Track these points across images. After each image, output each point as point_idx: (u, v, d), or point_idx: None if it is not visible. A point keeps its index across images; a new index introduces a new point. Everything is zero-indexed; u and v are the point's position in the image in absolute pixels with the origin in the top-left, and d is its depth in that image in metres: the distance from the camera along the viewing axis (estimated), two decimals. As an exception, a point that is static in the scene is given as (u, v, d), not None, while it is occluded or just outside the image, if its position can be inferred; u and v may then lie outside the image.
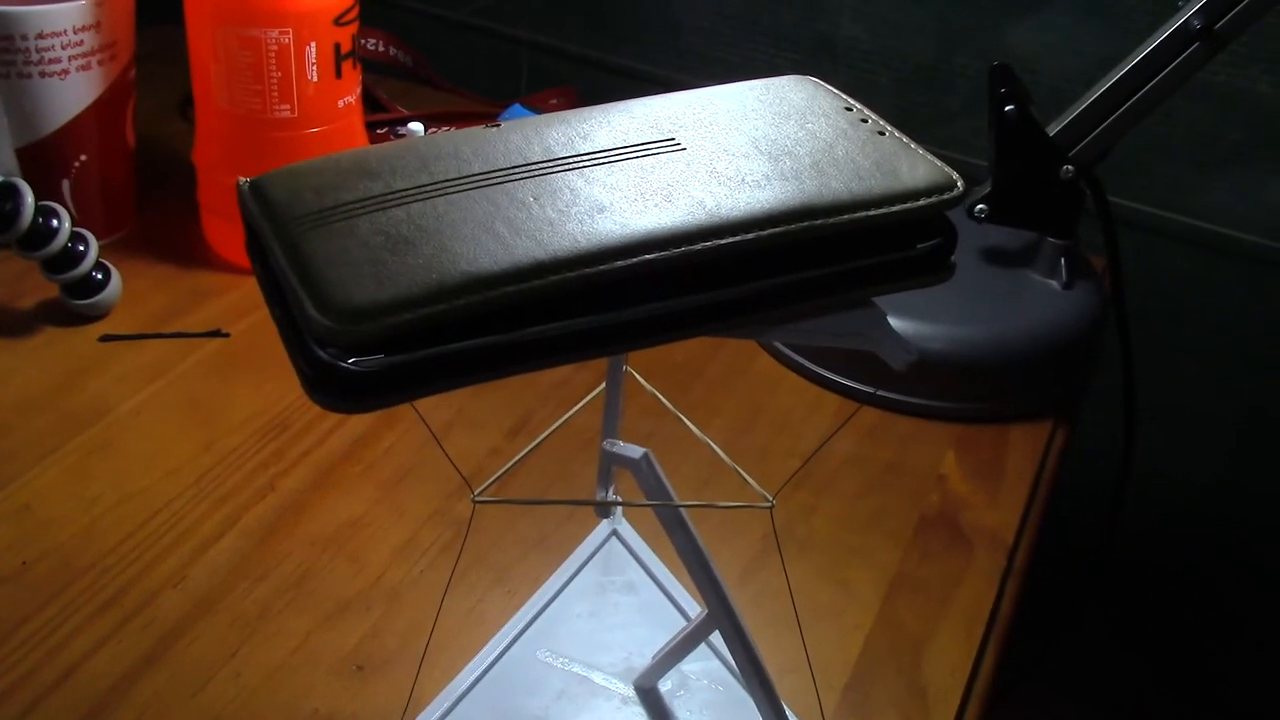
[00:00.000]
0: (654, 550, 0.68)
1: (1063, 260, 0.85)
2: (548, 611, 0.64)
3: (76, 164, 0.87)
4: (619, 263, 0.41)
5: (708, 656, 0.62)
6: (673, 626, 0.60)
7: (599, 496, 0.57)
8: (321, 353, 0.39)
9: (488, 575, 0.67)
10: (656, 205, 0.44)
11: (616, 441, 0.54)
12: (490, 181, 0.45)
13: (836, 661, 0.63)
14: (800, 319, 0.47)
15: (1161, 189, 1.08)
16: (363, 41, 1.05)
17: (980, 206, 0.84)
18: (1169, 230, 1.09)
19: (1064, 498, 1.14)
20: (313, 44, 0.81)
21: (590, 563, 0.68)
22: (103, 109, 0.87)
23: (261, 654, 0.61)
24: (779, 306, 0.46)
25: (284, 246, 0.42)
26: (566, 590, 0.66)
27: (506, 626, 0.63)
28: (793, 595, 0.64)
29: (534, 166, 0.45)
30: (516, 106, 1.09)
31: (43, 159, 0.86)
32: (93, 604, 0.63)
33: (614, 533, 0.69)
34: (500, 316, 0.40)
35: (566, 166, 0.46)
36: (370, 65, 1.13)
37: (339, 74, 0.84)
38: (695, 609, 0.65)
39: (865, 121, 0.49)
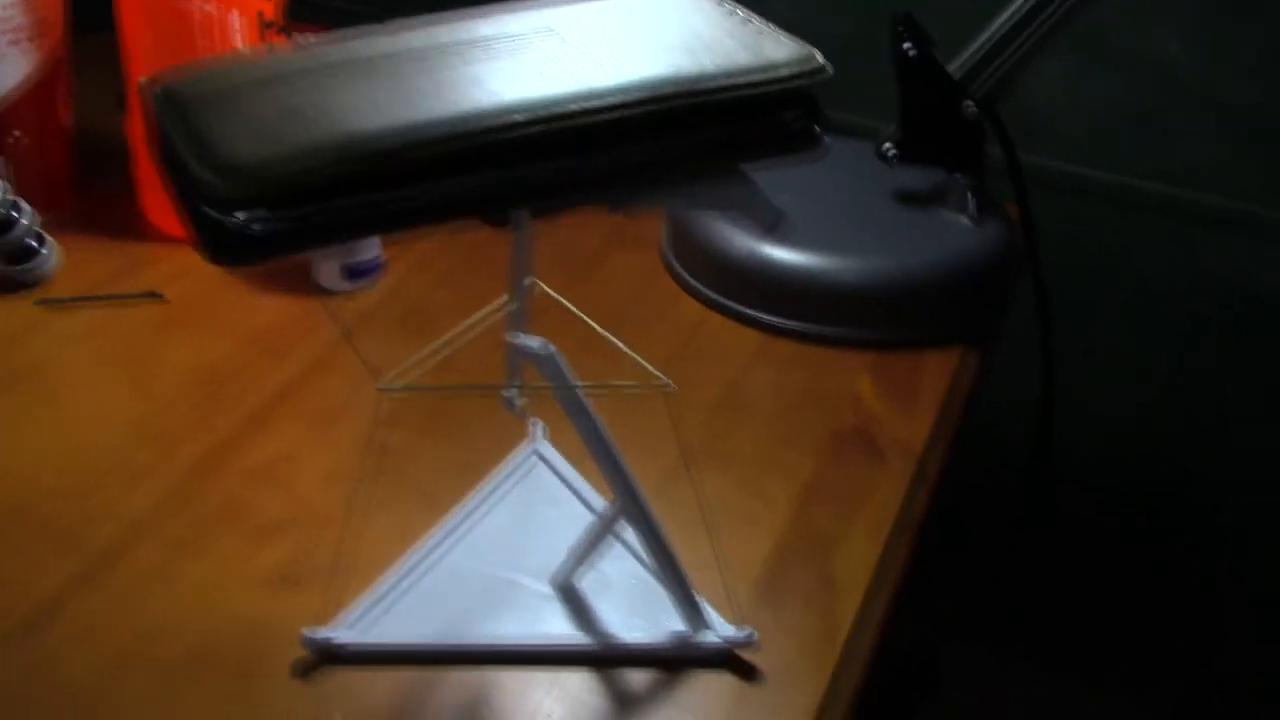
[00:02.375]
0: (577, 469, 0.71)
1: (970, 197, 0.88)
2: (470, 522, 0.67)
3: (11, 139, 0.89)
4: (490, 123, 0.44)
5: (626, 557, 0.65)
6: (591, 530, 0.63)
7: (507, 393, 0.60)
8: (211, 211, 0.42)
9: (414, 496, 0.69)
10: (529, 79, 0.46)
11: (519, 334, 0.57)
12: (377, 66, 0.47)
13: (752, 558, 0.66)
14: (679, 187, 0.50)
15: (1077, 148, 1.12)
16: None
17: (888, 146, 0.87)
18: (1088, 187, 1.12)
19: (996, 444, 1.17)
20: (235, 12, 0.84)
21: (514, 479, 0.70)
22: (37, 87, 0.89)
23: (194, 571, 0.63)
24: (656, 174, 0.49)
25: (178, 122, 0.44)
26: (490, 504, 0.68)
27: (428, 536, 0.65)
28: (703, 503, 0.67)
29: (418, 52, 0.48)
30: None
31: (-21, 137, 0.88)
32: (24, 531, 0.65)
33: (536, 453, 0.72)
34: (377, 176, 0.43)
35: (449, 53, 0.48)
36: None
37: (263, 42, 0.87)
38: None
39: (735, 14, 0.52)
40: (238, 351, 0.80)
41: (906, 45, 0.83)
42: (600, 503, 0.68)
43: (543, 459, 0.71)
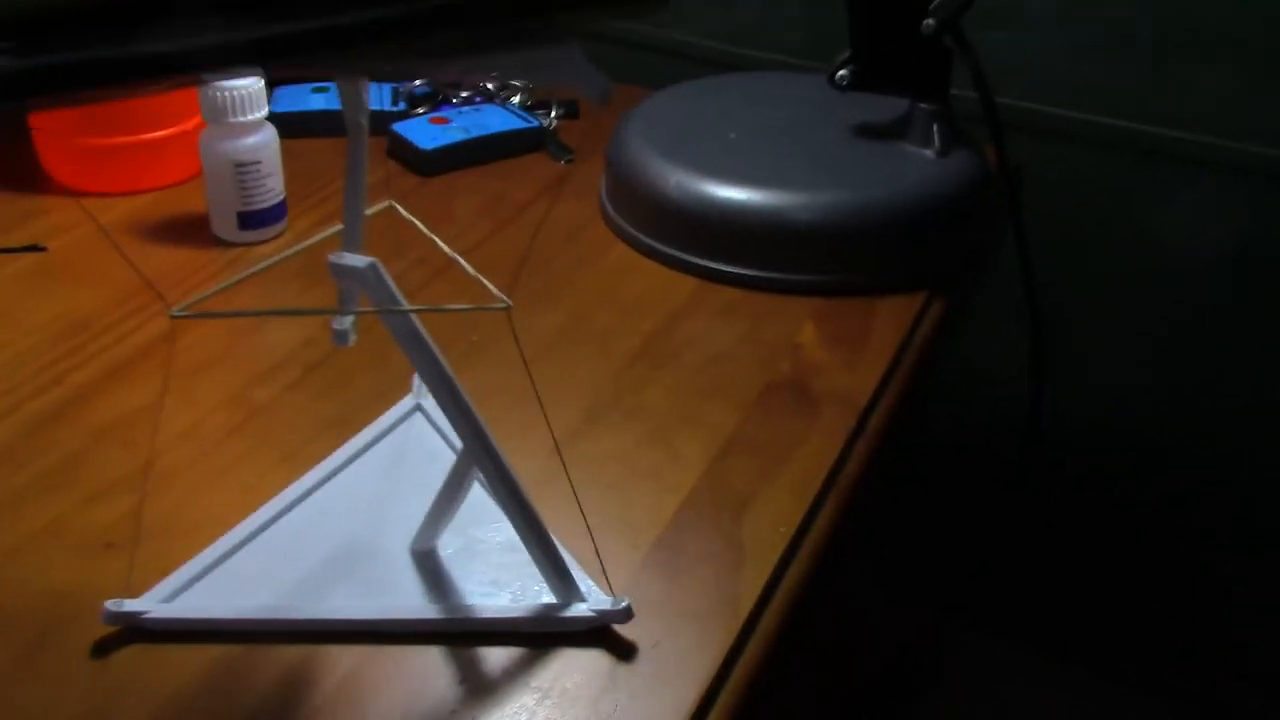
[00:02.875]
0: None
1: (935, 127, 0.79)
2: (330, 483, 0.59)
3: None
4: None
5: (504, 520, 0.56)
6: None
7: (337, 323, 0.51)
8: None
9: (274, 454, 0.61)
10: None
11: (342, 254, 0.48)
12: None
13: (648, 521, 0.57)
14: (495, 46, 0.41)
15: (1066, 89, 1.01)
16: None
17: (841, 73, 0.78)
18: (1075, 131, 1.02)
19: (994, 411, 1.07)
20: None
21: (389, 435, 0.62)
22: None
23: (7, 534, 0.55)
24: (471, 29, 0.40)
25: None
26: (356, 462, 0.60)
27: (279, 496, 0.57)
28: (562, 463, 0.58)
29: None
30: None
31: None
32: None
33: (418, 407, 0.64)
34: (104, 20, 0.35)
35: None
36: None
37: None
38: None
39: None
40: (112, 305, 0.72)
41: (853, -49, 0.74)
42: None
43: (425, 412, 0.63)
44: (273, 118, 0.91)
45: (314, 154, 0.92)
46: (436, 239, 0.51)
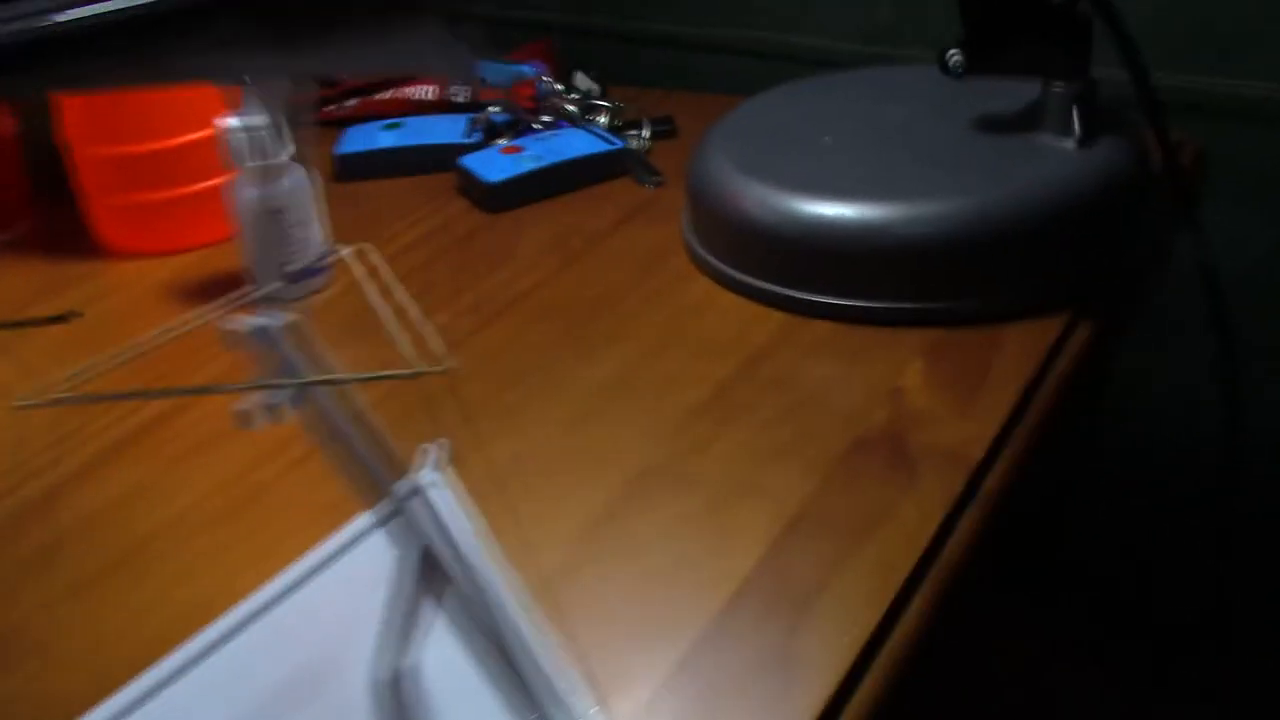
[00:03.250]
0: (484, 499, 0.52)
1: (1075, 111, 0.64)
2: (297, 591, 0.49)
3: (-66, 151, 0.78)
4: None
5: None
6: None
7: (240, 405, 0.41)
8: None
9: (258, 544, 0.52)
10: None
11: (235, 317, 0.39)
12: None
13: (686, 619, 0.45)
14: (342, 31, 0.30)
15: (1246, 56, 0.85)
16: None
17: (953, 53, 0.65)
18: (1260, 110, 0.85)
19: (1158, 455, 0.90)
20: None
21: (379, 526, 0.52)
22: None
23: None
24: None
25: None
26: (333, 562, 0.50)
27: (240, 606, 0.48)
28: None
29: None
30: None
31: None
32: None
33: (417, 489, 0.53)
34: None
35: None
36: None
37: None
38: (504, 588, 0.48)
39: None
40: (131, 376, 0.65)
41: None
42: (485, 563, 0.49)
43: (426, 497, 0.53)
44: (340, 159, 0.83)
45: (382, 196, 0.84)
46: (377, 290, 0.41)
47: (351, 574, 0.49)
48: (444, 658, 0.44)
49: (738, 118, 0.74)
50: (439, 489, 0.52)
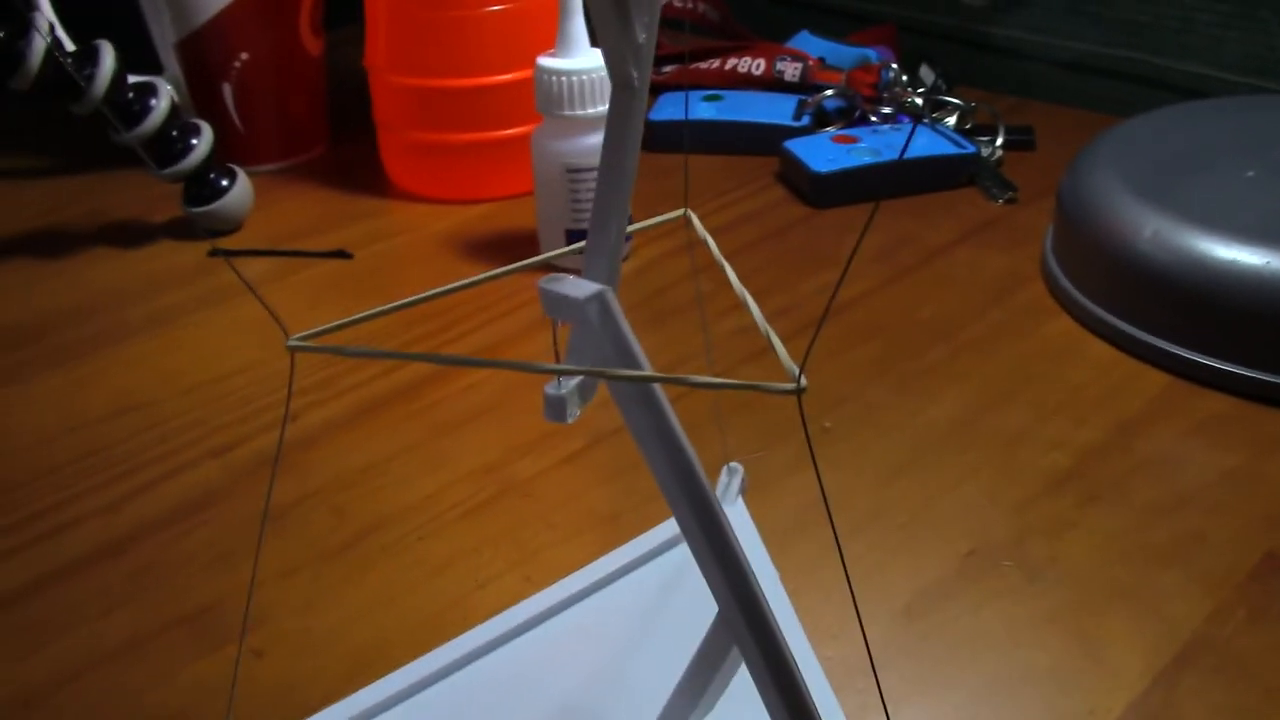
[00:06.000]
0: (782, 547, 0.43)
1: None
2: (568, 614, 0.41)
3: (237, 64, 0.74)
4: None
5: None
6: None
7: (552, 388, 0.33)
8: None
9: (512, 553, 0.44)
10: None
11: (563, 277, 0.30)
12: None
13: (1032, 768, 0.34)
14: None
15: None
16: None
17: None
18: None
19: None
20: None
21: (664, 552, 0.43)
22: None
23: (137, 617, 0.41)
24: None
25: None
26: (610, 588, 0.42)
27: (491, 622, 0.40)
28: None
29: None
30: (804, 33, 0.87)
31: (199, 56, 0.74)
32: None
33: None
34: None
35: None
36: (676, 25, 0.95)
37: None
38: (805, 643, 0.38)
39: None
40: (393, 330, 0.59)
41: None
42: (788, 611, 0.39)
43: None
44: (650, 126, 0.75)
45: (692, 171, 0.76)
46: (727, 267, 0.32)
47: (631, 599, 0.41)
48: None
49: (1126, 134, 0.62)
50: (742, 522, 0.43)
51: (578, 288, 0.30)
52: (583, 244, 0.31)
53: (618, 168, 0.32)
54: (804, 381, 0.25)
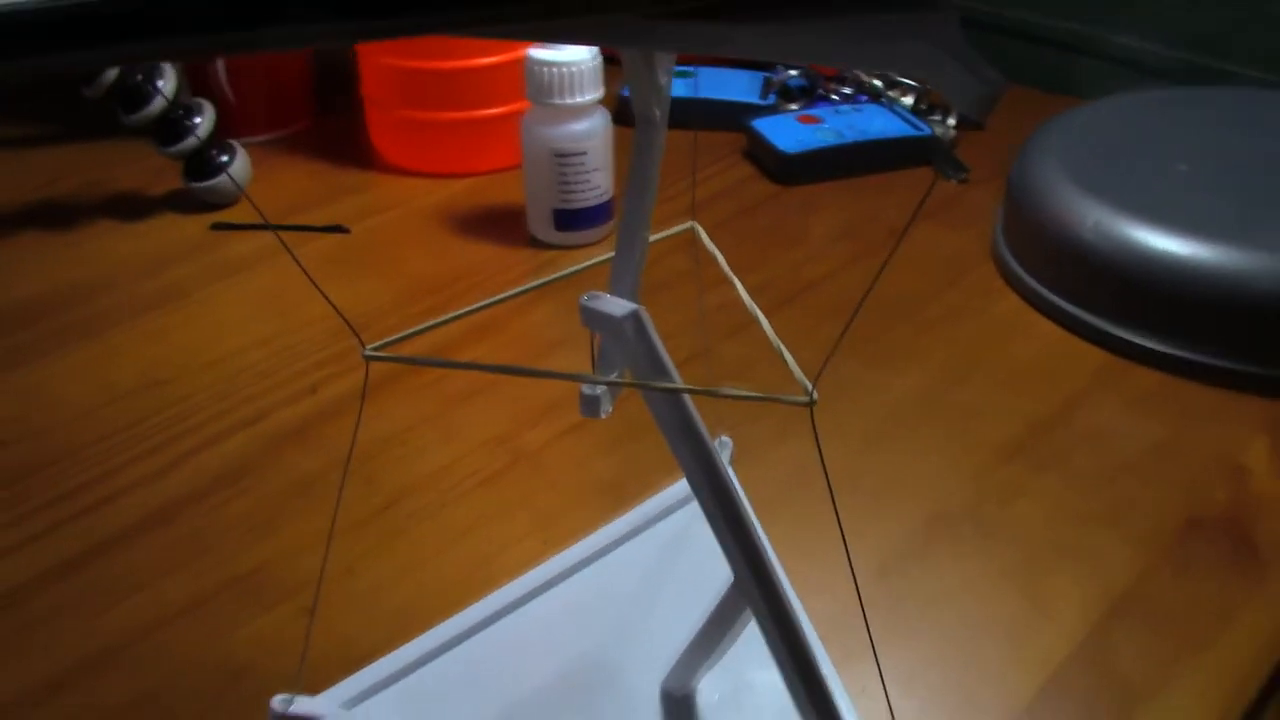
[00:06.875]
0: (769, 512, 0.48)
1: None
2: (581, 575, 0.46)
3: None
4: None
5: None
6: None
7: (589, 389, 0.38)
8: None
9: (526, 519, 0.49)
10: None
11: (600, 295, 0.35)
12: None
13: (992, 704, 0.40)
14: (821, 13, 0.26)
15: None
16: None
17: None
18: None
19: None
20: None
21: (666, 519, 0.49)
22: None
23: (195, 579, 0.46)
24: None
25: None
26: (618, 551, 0.47)
27: (511, 585, 0.45)
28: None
29: None
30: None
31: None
32: (43, 497, 0.50)
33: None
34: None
35: None
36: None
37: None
38: (796, 599, 0.44)
39: None
40: (398, 304, 0.63)
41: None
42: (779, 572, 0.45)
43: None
44: (625, 101, 0.80)
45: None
46: (738, 282, 0.37)
47: (639, 560, 0.46)
48: (744, 680, 0.41)
49: (1075, 121, 0.68)
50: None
51: (615, 306, 0.35)
52: (607, 256, 0.36)
53: (642, 194, 0.37)
54: (816, 395, 0.30)
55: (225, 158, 0.71)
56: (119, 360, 0.60)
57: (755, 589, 0.34)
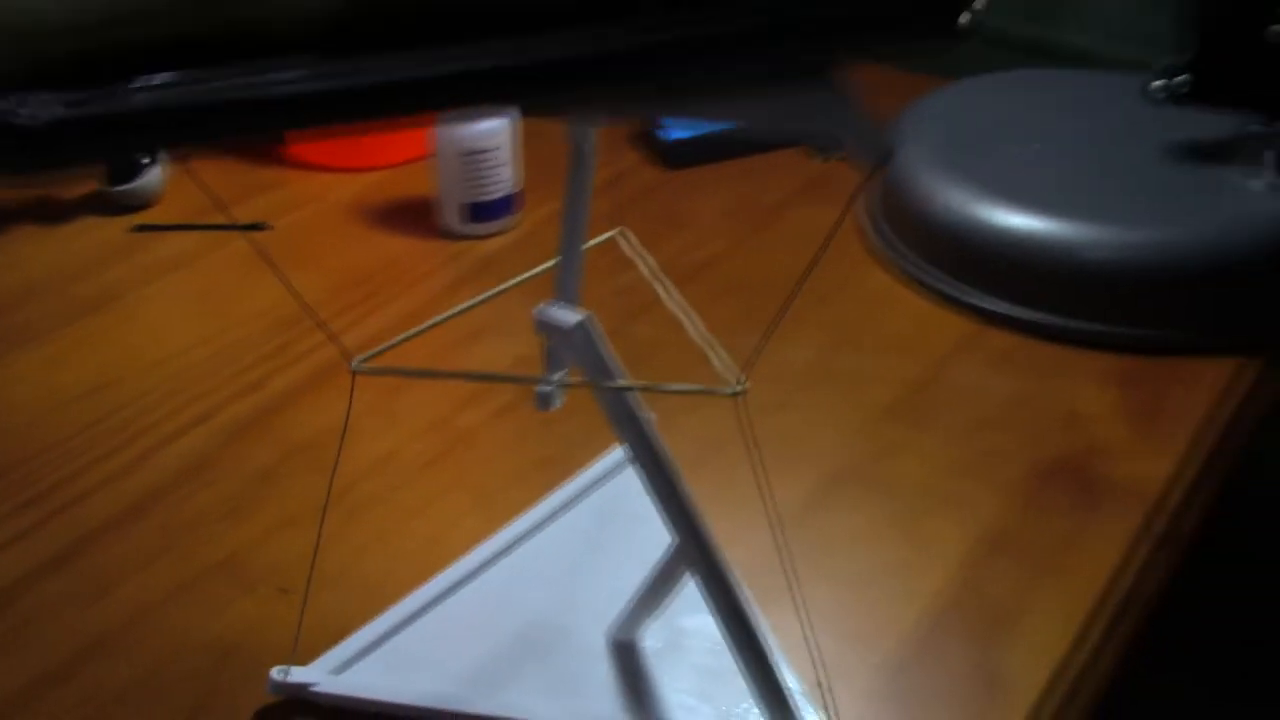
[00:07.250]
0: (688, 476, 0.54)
1: (1273, 153, 0.65)
2: (529, 542, 0.52)
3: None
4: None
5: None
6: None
7: (542, 388, 0.44)
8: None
9: (470, 496, 0.55)
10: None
11: (552, 304, 0.41)
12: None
13: (885, 630, 0.48)
14: (748, 86, 0.32)
15: None
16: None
17: (1175, 81, 0.65)
18: None
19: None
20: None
21: (600, 487, 0.55)
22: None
23: (175, 567, 0.51)
24: (717, 60, 0.32)
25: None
26: (558, 519, 0.53)
27: (468, 556, 0.51)
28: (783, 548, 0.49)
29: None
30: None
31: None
32: (15, 500, 0.54)
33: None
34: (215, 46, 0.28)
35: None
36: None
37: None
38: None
39: None
40: (330, 296, 0.68)
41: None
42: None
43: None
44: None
45: (555, 136, 0.85)
46: (667, 286, 0.43)
47: (578, 527, 0.52)
48: (681, 628, 0.48)
49: (936, 104, 0.75)
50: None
51: (565, 316, 0.41)
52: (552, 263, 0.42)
53: (578, 213, 0.43)
54: (745, 385, 0.36)
55: (146, 160, 0.74)
56: (64, 364, 0.63)
57: (695, 552, 0.41)
